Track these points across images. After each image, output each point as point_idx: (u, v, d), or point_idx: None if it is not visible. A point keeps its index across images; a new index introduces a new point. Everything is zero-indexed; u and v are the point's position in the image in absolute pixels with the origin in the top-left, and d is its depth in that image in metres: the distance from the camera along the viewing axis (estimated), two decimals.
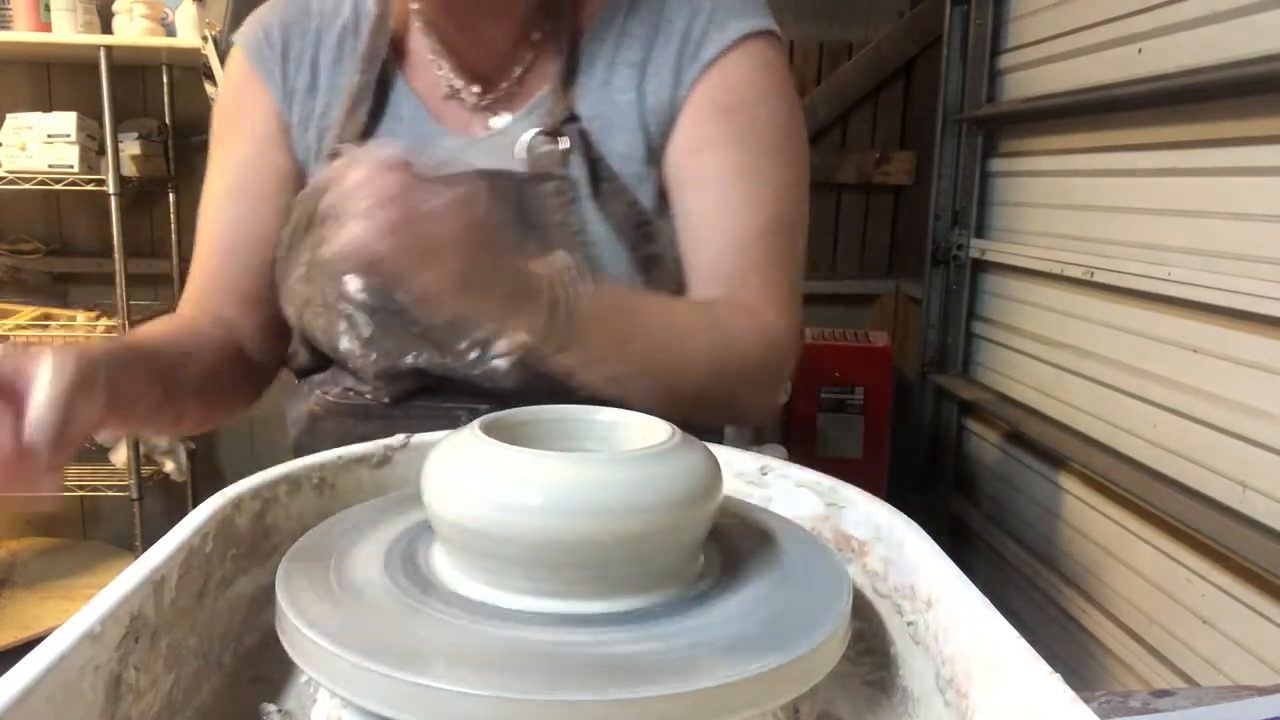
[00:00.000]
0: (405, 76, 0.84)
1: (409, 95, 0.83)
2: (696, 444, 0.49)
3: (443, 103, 0.83)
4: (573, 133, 0.78)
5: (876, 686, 0.50)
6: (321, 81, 0.85)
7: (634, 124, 0.80)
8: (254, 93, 0.86)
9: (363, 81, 0.83)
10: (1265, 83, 1.28)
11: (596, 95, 0.80)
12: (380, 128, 0.83)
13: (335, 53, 0.85)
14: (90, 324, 2.26)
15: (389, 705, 0.37)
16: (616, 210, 0.79)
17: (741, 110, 0.80)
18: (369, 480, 0.61)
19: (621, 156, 0.79)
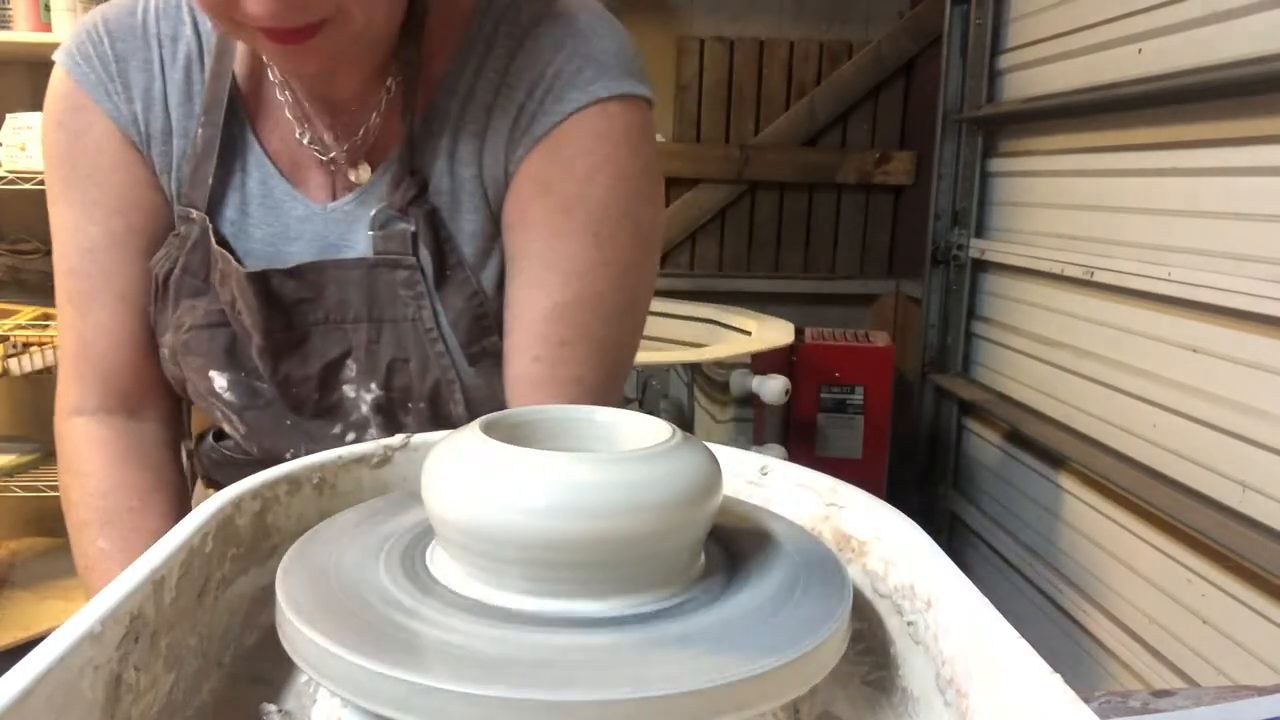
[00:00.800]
0: (254, 126, 0.76)
1: (257, 150, 0.76)
2: (696, 444, 0.49)
3: (295, 154, 0.76)
4: (420, 214, 0.73)
5: (876, 686, 0.50)
6: (175, 126, 0.75)
7: (477, 200, 0.75)
8: (106, 133, 0.75)
9: (206, 136, 0.74)
10: (1265, 83, 1.28)
11: (443, 167, 0.74)
12: (230, 182, 0.75)
13: (183, 91, 0.75)
14: None
15: (389, 705, 0.37)
16: (457, 304, 0.74)
17: (563, 187, 0.73)
18: (369, 480, 0.61)
19: (468, 235, 0.75)
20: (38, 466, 2.35)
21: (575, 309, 0.74)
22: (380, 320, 0.74)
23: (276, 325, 0.73)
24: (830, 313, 2.83)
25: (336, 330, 0.75)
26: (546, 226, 0.73)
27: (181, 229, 0.76)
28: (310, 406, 0.76)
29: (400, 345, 0.74)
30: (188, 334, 0.75)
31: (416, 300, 0.74)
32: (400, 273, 0.73)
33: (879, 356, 2.45)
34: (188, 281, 0.75)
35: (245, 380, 0.75)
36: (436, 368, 0.74)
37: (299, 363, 0.75)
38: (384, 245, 0.74)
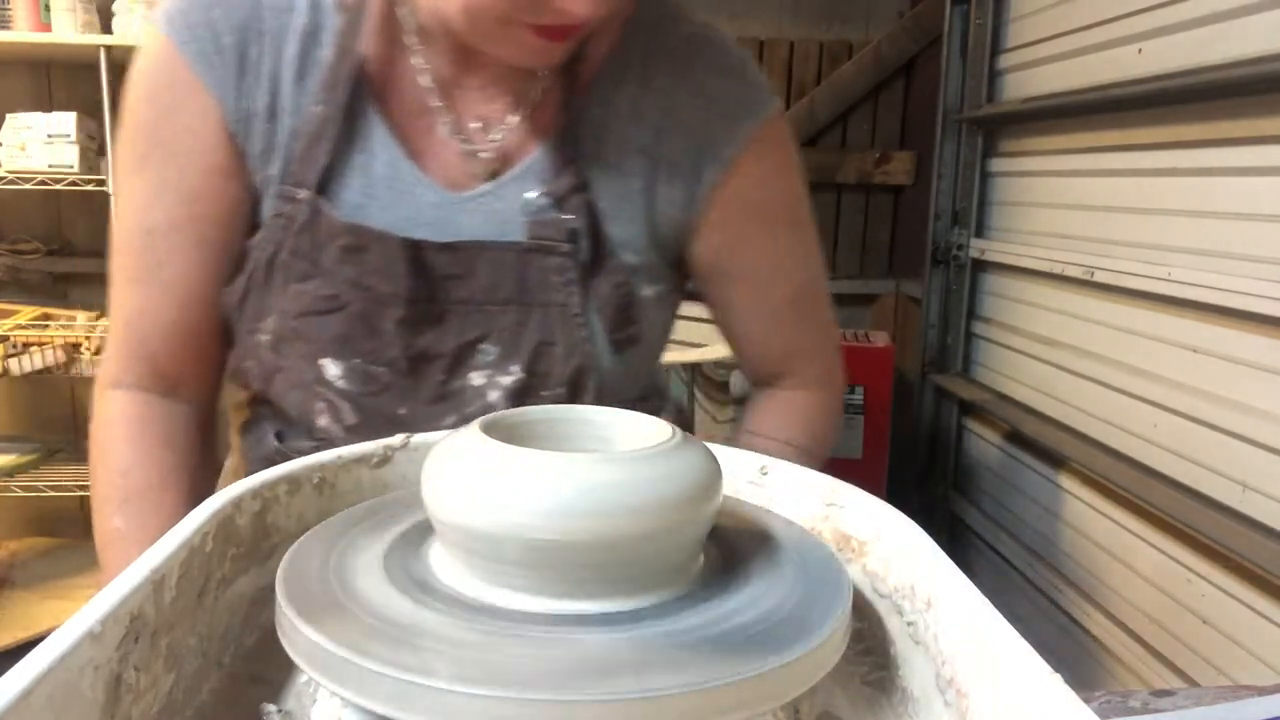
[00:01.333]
0: (379, 103, 0.74)
1: (383, 133, 0.73)
2: (696, 444, 0.49)
3: (425, 139, 0.75)
4: (580, 205, 0.74)
5: (876, 686, 0.49)
6: (284, 105, 0.72)
7: (640, 214, 0.77)
8: (200, 111, 0.72)
9: (324, 115, 0.72)
10: (1265, 83, 1.28)
11: (603, 173, 0.76)
12: (350, 165, 0.73)
13: (298, 67, 0.72)
14: (90, 324, 2.26)
15: (389, 705, 0.37)
16: (604, 292, 0.76)
17: (765, 204, 0.82)
18: (369, 480, 0.61)
19: (619, 241, 0.77)
20: (38, 466, 2.35)
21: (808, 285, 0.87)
22: (530, 304, 0.75)
23: (421, 297, 0.72)
24: None
25: (478, 312, 0.74)
26: (762, 237, 0.82)
27: (285, 209, 0.72)
28: (432, 389, 0.75)
29: (547, 329, 0.75)
30: (296, 320, 0.72)
31: (566, 286, 0.75)
32: (553, 259, 0.74)
33: (879, 356, 2.45)
34: (296, 264, 0.72)
35: (361, 366, 0.73)
36: (580, 353, 0.75)
37: (436, 338, 0.74)
38: (539, 231, 0.74)
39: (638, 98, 0.77)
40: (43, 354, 2.19)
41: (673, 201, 0.78)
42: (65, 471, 2.36)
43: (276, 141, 0.73)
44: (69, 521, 2.65)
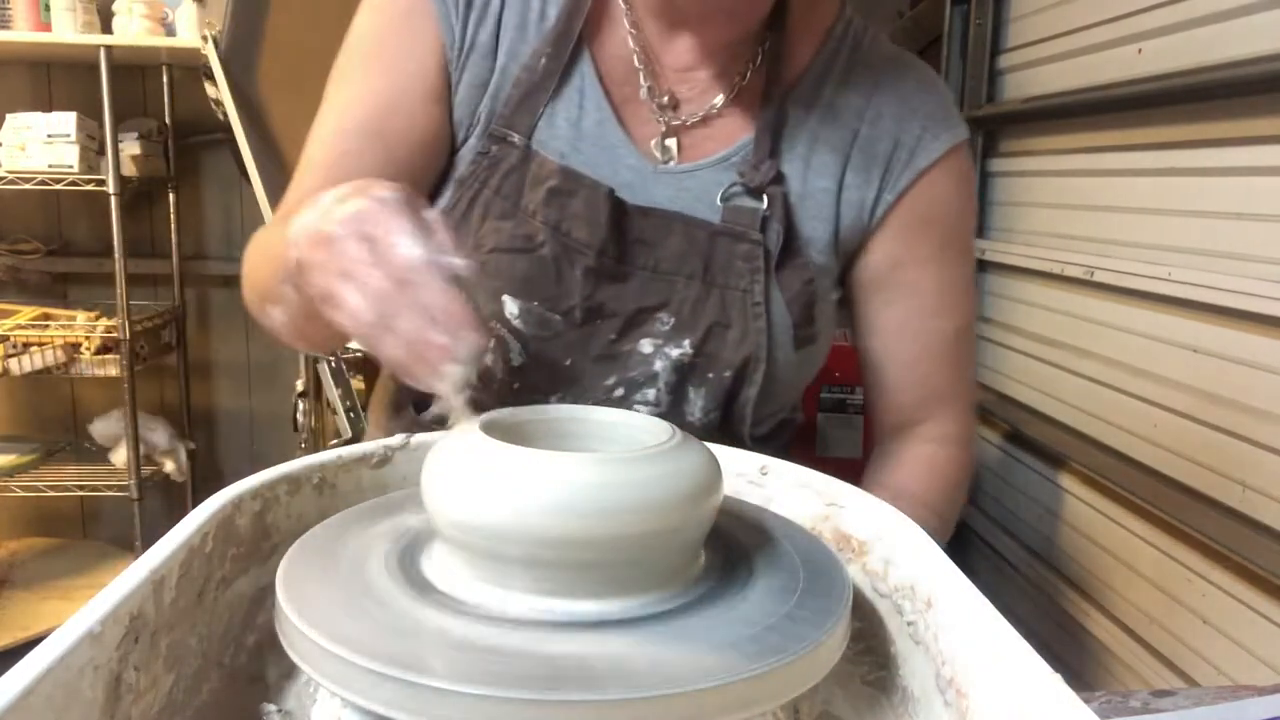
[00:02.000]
0: (595, 60, 0.77)
1: (595, 85, 0.77)
2: (696, 444, 0.49)
3: (629, 104, 0.78)
4: (776, 196, 0.76)
5: (876, 686, 0.49)
6: (503, 46, 0.76)
7: (827, 213, 0.78)
8: (423, 30, 0.75)
9: (547, 68, 0.75)
10: (1265, 83, 1.28)
11: (798, 170, 0.78)
12: (560, 109, 0.76)
13: (520, 14, 0.76)
14: (90, 324, 2.26)
15: (389, 705, 0.37)
16: (793, 286, 0.76)
17: (943, 224, 0.81)
18: (369, 480, 0.61)
19: (807, 239, 0.78)
20: (38, 466, 2.35)
21: (968, 327, 0.85)
22: (712, 284, 0.75)
23: (610, 252, 0.74)
24: None
25: (661, 281, 0.75)
26: (936, 261, 0.81)
27: (494, 149, 0.76)
28: (601, 346, 0.75)
29: (725, 312, 0.75)
30: (488, 255, 0.74)
31: (752, 274, 0.75)
32: (743, 245, 0.75)
33: None
34: (498, 203, 0.75)
35: (538, 310, 0.74)
36: (752, 342, 0.75)
37: (615, 295, 0.75)
38: (733, 217, 0.76)
39: (839, 101, 0.79)
40: (43, 354, 2.19)
41: (858, 204, 0.79)
42: (65, 471, 2.36)
43: (490, 81, 0.76)
44: (69, 521, 2.65)
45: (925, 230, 0.80)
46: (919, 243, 0.80)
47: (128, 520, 2.34)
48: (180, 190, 2.51)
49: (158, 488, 2.53)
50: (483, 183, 0.75)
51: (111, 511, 2.62)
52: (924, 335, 0.82)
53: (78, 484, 2.31)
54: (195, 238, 2.59)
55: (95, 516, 2.67)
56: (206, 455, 2.65)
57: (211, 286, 2.59)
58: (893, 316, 0.82)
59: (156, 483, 2.47)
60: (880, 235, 0.80)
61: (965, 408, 0.86)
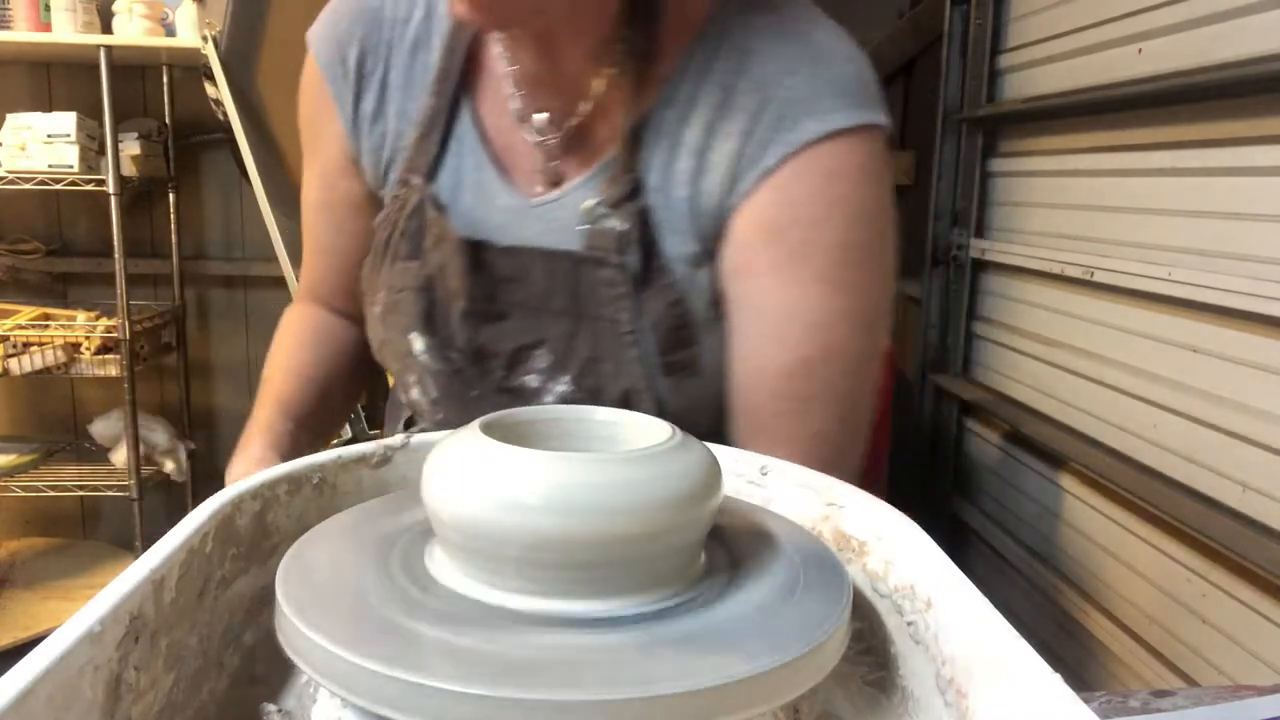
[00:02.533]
0: (474, 101, 0.77)
1: (472, 131, 0.76)
2: (696, 444, 0.49)
3: (508, 136, 0.76)
4: (633, 213, 0.70)
5: (876, 686, 0.49)
6: (390, 108, 0.78)
7: (687, 223, 0.71)
8: (326, 113, 0.81)
9: (435, 107, 0.76)
10: (1265, 83, 1.28)
11: (656, 180, 0.71)
12: (444, 165, 0.77)
13: (405, 73, 0.77)
14: (90, 324, 2.26)
15: (389, 705, 0.37)
16: (657, 309, 0.71)
17: (793, 231, 0.68)
18: (369, 480, 0.61)
19: (672, 255, 0.71)
20: (38, 466, 2.36)
21: (817, 364, 0.70)
22: (581, 316, 0.72)
23: (479, 295, 0.74)
24: None
25: (534, 318, 0.74)
26: (779, 275, 0.69)
27: (400, 193, 0.78)
28: (495, 383, 0.76)
29: (597, 344, 0.72)
30: (398, 295, 0.77)
31: (617, 301, 0.70)
32: (605, 271, 0.70)
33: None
34: (404, 244, 0.77)
35: (439, 346, 0.76)
36: (629, 374, 0.71)
37: (494, 336, 0.75)
38: (594, 240, 0.71)
39: (701, 94, 0.69)
40: (43, 354, 2.19)
41: (710, 210, 0.71)
42: (65, 471, 2.36)
43: (384, 145, 0.79)
44: (69, 521, 2.65)
45: (769, 239, 0.68)
46: (761, 252, 0.69)
47: (128, 520, 2.35)
48: (180, 190, 2.51)
49: (158, 488, 2.54)
50: (393, 225, 0.78)
51: (111, 511, 2.62)
52: (752, 361, 0.71)
53: (78, 484, 2.31)
54: (195, 238, 2.59)
55: (95, 516, 2.67)
56: (206, 455, 2.65)
57: (211, 286, 2.59)
58: (734, 334, 0.72)
59: (156, 483, 2.47)
60: (727, 241, 0.71)
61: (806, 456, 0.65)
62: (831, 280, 0.69)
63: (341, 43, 0.78)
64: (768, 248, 0.69)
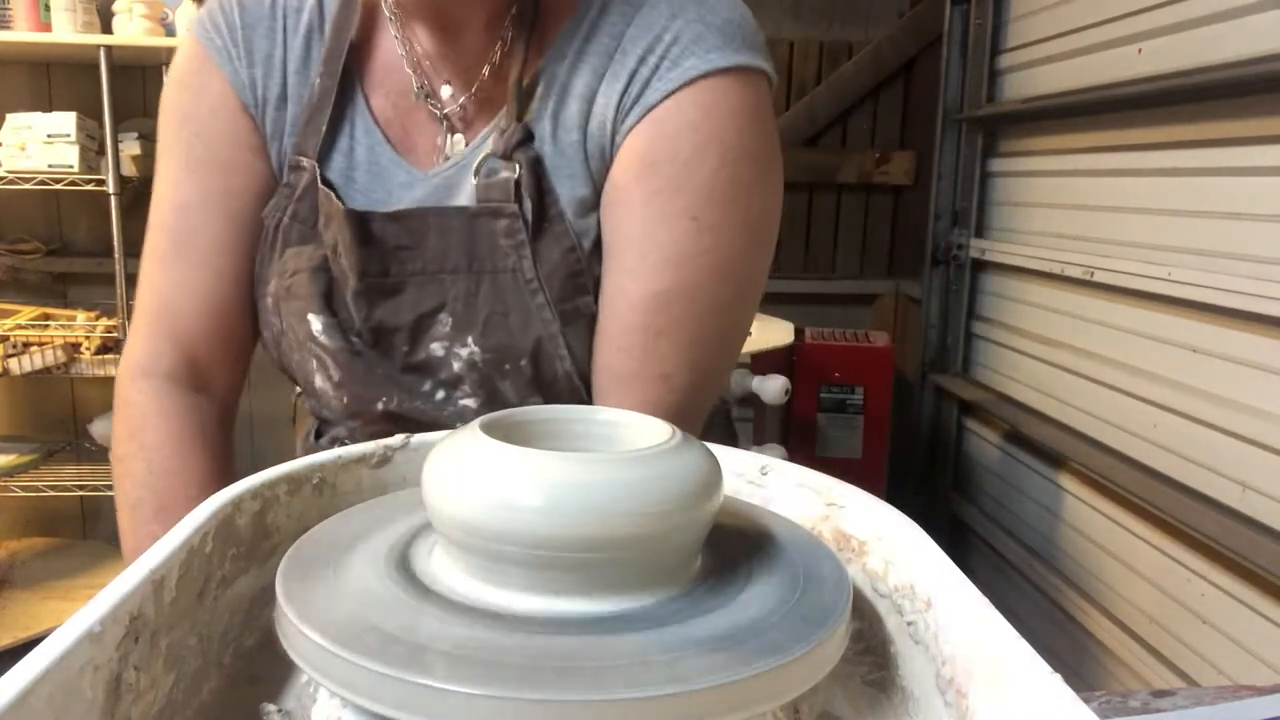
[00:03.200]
0: (365, 86, 0.77)
1: (364, 110, 0.76)
2: (696, 444, 0.49)
3: (405, 120, 0.76)
4: (524, 160, 0.70)
5: (876, 686, 0.49)
6: (290, 93, 0.77)
7: (580, 167, 0.72)
8: (223, 95, 0.76)
9: (323, 86, 0.75)
10: (1265, 83, 1.28)
11: (547, 129, 0.72)
12: (337, 145, 0.76)
13: (302, 57, 0.77)
14: (90, 324, 2.26)
15: (389, 705, 0.37)
16: (553, 257, 0.71)
17: (667, 165, 0.69)
18: (369, 480, 0.61)
19: (566, 201, 0.72)
20: (38, 466, 2.35)
21: (669, 299, 0.69)
22: (480, 271, 0.71)
23: (373, 270, 0.73)
24: (830, 313, 2.83)
25: (433, 282, 0.73)
26: (647, 209, 0.69)
27: (291, 178, 0.76)
28: (400, 358, 0.74)
29: (499, 298, 0.71)
30: (291, 278, 0.75)
31: (517, 250, 0.70)
32: (501, 221, 0.71)
33: (879, 356, 2.45)
34: (296, 228, 0.75)
35: (339, 326, 0.74)
36: (538, 321, 0.71)
37: (392, 311, 0.74)
38: (486, 193, 0.71)
39: (590, 46, 0.71)
40: (43, 354, 2.19)
41: (598, 152, 0.71)
42: (65, 471, 2.36)
43: (284, 128, 0.77)
44: (69, 521, 2.65)
45: (642, 172, 0.69)
46: (633, 184, 0.69)
47: None
48: None
49: None
50: (283, 211, 0.76)
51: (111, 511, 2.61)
52: (608, 294, 0.71)
53: (78, 484, 2.31)
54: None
55: (95, 516, 2.67)
56: None
57: None
58: (604, 272, 0.72)
59: None
60: (609, 178, 0.71)
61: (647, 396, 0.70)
62: (698, 218, 0.69)
63: (230, 27, 0.77)
64: (641, 181, 0.69)
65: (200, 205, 0.77)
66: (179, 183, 0.78)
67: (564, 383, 0.73)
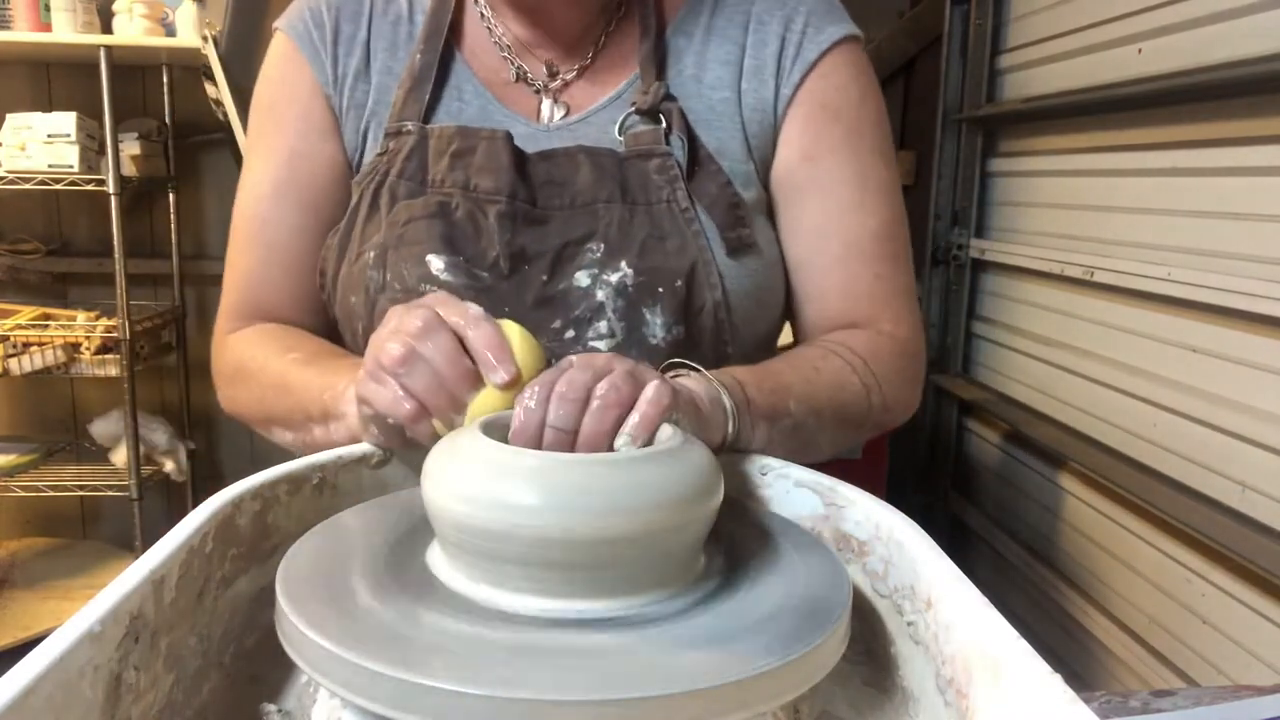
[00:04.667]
0: (465, 59, 0.82)
1: (470, 78, 0.81)
2: (696, 444, 0.49)
3: (506, 88, 0.82)
4: (671, 111, 0.77)
5: (876, 686, 0.49)
6: (375, 66, 0.81)
7: (732, 121, 0.79)
8: (300, 80, 0.82)
9: (424, 61, 0.80)
10: (1265, 83, 1.28)
11: (690, 90, 0.79)
12: (441, 107, 0.80)
13: (390, 38, 0.82)
14: (90, 324, 2.26)
15: (389, 705, 0.37)
16: (711, 190, 0.76)
17: (847, 112, 0.80)
18: (369, 480, 0.61)
19: (715, 148, 0.78)
20: (38, 466, 2.35)
21: (896, 225, 0.81)
22: (634, 203, 0.75)
23: (522, 195, 0.75)
24: None
25: (584, 212, 0.75)
26: (845, 153, 0.79)
27: (392, 145, 0.78)
28: (535, 290, 0.73)
29: (656, 224, 0.75)
30: (405, 226, 0.75)
31: (671, 184, 0.75)
32: (653, 161, 0.76)
33: None
34: (404, 184, 0.77)
35: (465, 265, 0.74)
36: (694, 247, 0.74)
37: (537, 237, 0.74)
38: (634, 142, 0.77)
39: (718, 21, 0.81)
40: (43, 354, 2.19)
41: (759, 106, 0.80)
42: (65, 471, 2.36)
43: (367, 102, 0.81)
44: (69, 521, 2.65)
45: (828, 119, 0.80)
46: (824, 131, 0.80)
47: (128, 520, 2.34)
48: (180, 190, 2.51)
49: (158, 488, 2.53)
50: (384, 174, 0.78)
51: (111, 511, 2.62)
52: (844, 232, 0.80)
53: (78, 484, 2.31)
54: (195, 238, 2.59)
55: (95, 516, 2.67)
56: (206, 455, 2.65)
57: (211, 286, 2.59)
58: (811, 215, 0.80)
59: (156, 483, 2.47)
60: (786, 130, 0.80)
61: (904, 310, 0.81)
62: (882, 152, 0.82)
63: (314, 11, 0.82)
64: (830, 127, 0.80)
65: (272, 195, 0.82)
66: (258, 177, 0.82)
67: (710, 315, 0.75)
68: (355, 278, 0.77)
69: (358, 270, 0.76)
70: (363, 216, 0.78)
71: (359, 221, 0.78)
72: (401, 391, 0.54)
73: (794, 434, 0.67)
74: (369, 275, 0.75)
